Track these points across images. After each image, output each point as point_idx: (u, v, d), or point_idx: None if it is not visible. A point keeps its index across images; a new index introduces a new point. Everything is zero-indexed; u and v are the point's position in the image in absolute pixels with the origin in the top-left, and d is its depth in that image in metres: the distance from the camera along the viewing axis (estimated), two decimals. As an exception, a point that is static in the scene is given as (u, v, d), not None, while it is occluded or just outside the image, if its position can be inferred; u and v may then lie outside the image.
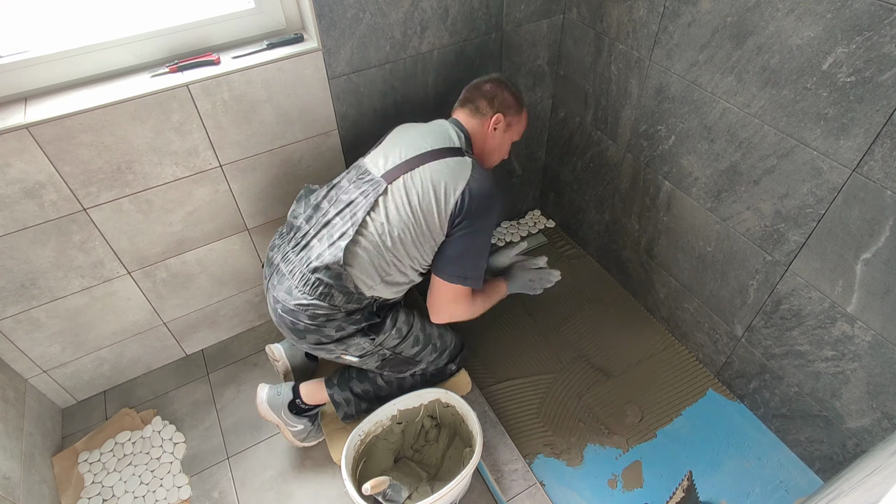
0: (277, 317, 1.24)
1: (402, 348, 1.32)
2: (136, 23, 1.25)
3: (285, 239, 1.27)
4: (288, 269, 1.22)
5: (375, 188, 1.18)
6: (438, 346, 1.42)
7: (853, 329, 1.19)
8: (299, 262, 1.20)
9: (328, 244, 1.17)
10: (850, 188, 1.08)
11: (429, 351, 1.39)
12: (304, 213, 1.27)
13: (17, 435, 1.39)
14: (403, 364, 1.37)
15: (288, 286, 1.20)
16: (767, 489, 1.42)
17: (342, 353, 1.28)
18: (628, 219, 1.77)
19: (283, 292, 1.21)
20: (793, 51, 1.08)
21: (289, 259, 1.23)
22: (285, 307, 1.20)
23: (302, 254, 1.20)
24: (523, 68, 1.74)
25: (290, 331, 1.23)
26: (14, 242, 1.26)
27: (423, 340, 1.36)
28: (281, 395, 1.43)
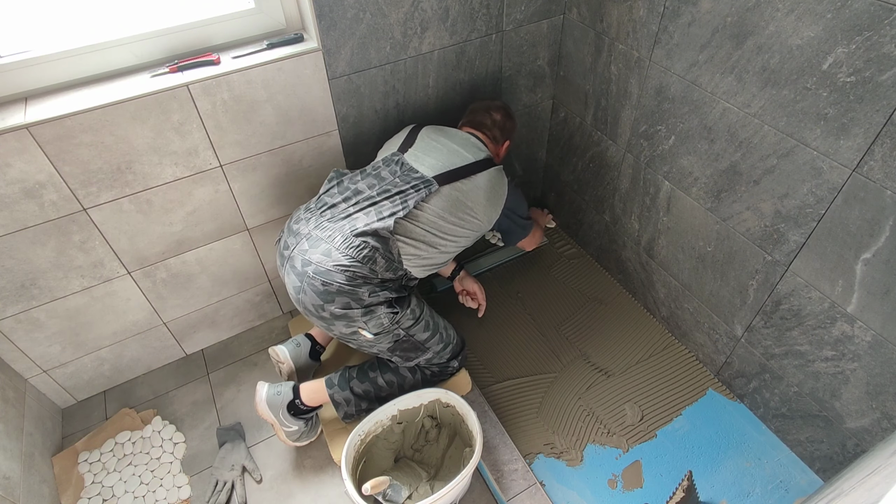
0: (307, 279, 1.24)
1: (414, 331, 1.36)
2: (136, 23, 1.25)
3: (315, 213, 1.32)
4: (326, 235, 1.26)
5: (427, 186, 1.31)
6: (444, 336, 1.45)
7: (853, 329, 1.19)
8: (340, 229, 1.26)
9: (377, 217, 1.27)
10: (850, 188, 1.08)
11: (437, 339, 1.42)
12: (342, 193, 1.34)
13: (17, 435, 1.39)
14: (413, 349, 1.39)
15: (326, 248, 1.24)
16: (767, 489, 1.42)
17: (361, 326, 1.28)
18: (628, 219, 1.77)
19: (320, 254, 1.24)
20: (793, 51, 1.08)
21: (325, 226, 1.28)
22: (319, 268, 1.22)
23: (343, 222, 1.28)
24: (523, 68, 1.74)
25: (318, 294, 1.23)
26: (14, 242, 1.26)
27: (432, 327, 1.41)
28: (281, 394, 1.43)
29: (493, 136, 1.54)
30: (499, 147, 1.57)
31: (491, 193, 1.40)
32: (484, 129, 1.52)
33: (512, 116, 1.58)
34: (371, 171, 1.39)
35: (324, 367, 1.65)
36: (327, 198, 1.35)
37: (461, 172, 1.37)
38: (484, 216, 1.40)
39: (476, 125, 1.53)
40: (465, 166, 1.38)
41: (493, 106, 1.55)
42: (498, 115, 1.54)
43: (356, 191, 1.34)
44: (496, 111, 1.54)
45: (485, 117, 1.53)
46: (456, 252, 1.42)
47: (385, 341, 1.33)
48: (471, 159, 1.40)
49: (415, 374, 1.47)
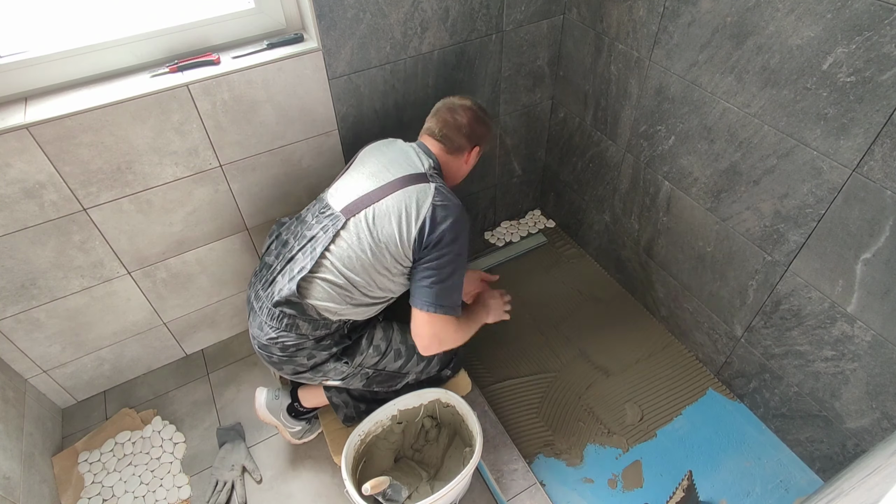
0: (256, 351, 1.27)
1: (384, 364, 1.31)
2: (136, 23, 1.25)
3: (258, 277, 1.28)
4: (258, 306, 1.23)
5: (335, 223, 1.17)
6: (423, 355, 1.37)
7: (853, 329, 1.19)
8: (266, 298, 1.21)
9: (288, 279, 1.17)
10: (850, 188, 1.08)
11: (414, 362, 1.35)
12: (276, 249, 1.27)
13: (17, 435, 1.39)
14: (390, 379, 1.36)
15: (259, 322, 1.22)
16: (767, 489, 1.42)
17: (322, 380, 1.28)
18: (628, 219, 1.77)
19: (256, 328, 1.23)
20: (793, 51, 1.08)
21: (259, 296, 1.24)
22: (259, 342, 1.23)
23: (269, 290, 1.21)
24: (523, 68, 1.74)
25: (268, 363, 1.27)
26: (14, 242, 1.26)
27: (405, 353, 1.33)
28: (279, 398, 1.44)
29: (453, 142, 1.28)
30: (461, 156, 1.31)
31: (402, 215, 1.13)
32: (445, 141, 1.28)
33: (483, 119, 1.32)
34: (303, 214, 1.27)
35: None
36: (266, 257, 1.28)
37: (373, 196, 1.16)
38: (398, 246, 1.14)
39: (431, 132, 1.30)
40: (380, 188, 1.16)
41: (458, 106, 1.30)
42: (464, 117, 1.28)
43: (284, 243, 1.25)
44: (462, 113, 1.29)
45: (444, 121, 1.29)
46: (397, 288, 1.22)
47: (356, 381, 1.31)
48: (389, 178, 1.18)
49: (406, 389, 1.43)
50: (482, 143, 1.34)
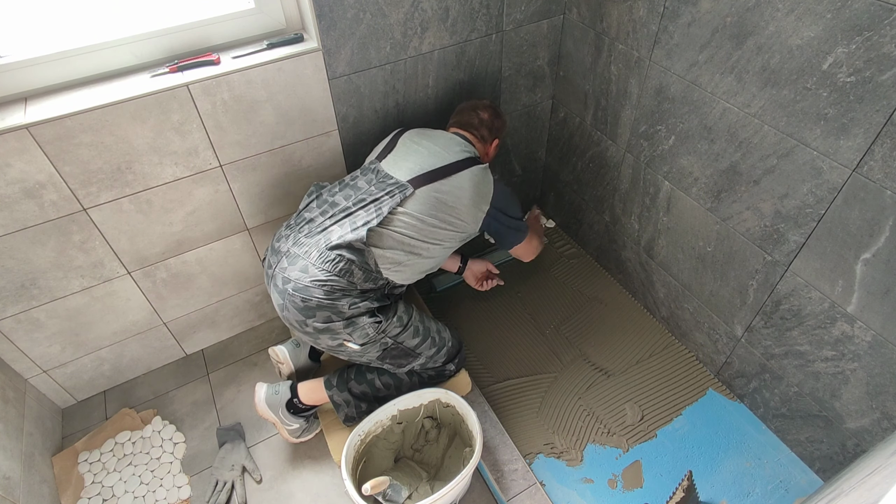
0: (288, 297, 1.24)
1: (403, 338, 1.34)
2: (136, 23, 1.25)
3: (294, 229, 1.32)
4: (303, 251, 1.26)
5: (402, 190, 1.29)
6: (437, 340, 1.42)
7: (853, 329, 1.19)
8: (316, 244, 1.25)
9: (350, 228, 1.25)
10: (850, 188, 1.08)
11: (428, 344, 1.40)
12: (319, 207, 1.34)
13: (17, 435, 1.39)
14: (403, 356, 1.37)
15: (303, 265, 1.24)
16: (767, 489, 1.42)
17: (346, 338, 1.27)
18: (628, 219, 1.77)
19: (298, 271, 1.24)
20: (793, 51, 1.08)
21: (302, 242, 1.27)
22: (298, 285, 1.22)
23: (318, 237, 1.27)
24: (523, 68, 1.74)
25: (299, 310, 1.23)
26: (14, 242, 1.26)
27: (422, 332, 1.38)
28: (279, 393, 1.43)
29: (481, 135, 1.52)
30: (487, 146, 1.55)
31: (474, 192, 1.36)
32: (471, 129, 1.50)
33: (500, 115, 1.56)
34: (349, 181, 1.38)
35: (323, 367, 1.65)
36: (306, 213, 1.34)
37: (440, 173, 1.34)
38: (468, 216, 1.36)
39: (463, 125, 1.51)
40: (445, 166, 1.35)
41: (479, 105, 1.53)
42: (485, 113, 1.52)
43: (333, 203, 1.33)
44: (483, 110, 1.52)
45: (471, 117, 1.51)
46: (442, 257, 1.40)
47: (373, 351, 1.32)
48: (451, 159, 1.37)
49: (412, 377, 1.46)
50: (501, 135, 1.58)
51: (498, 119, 1.55)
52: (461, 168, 1.36)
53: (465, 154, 1.40)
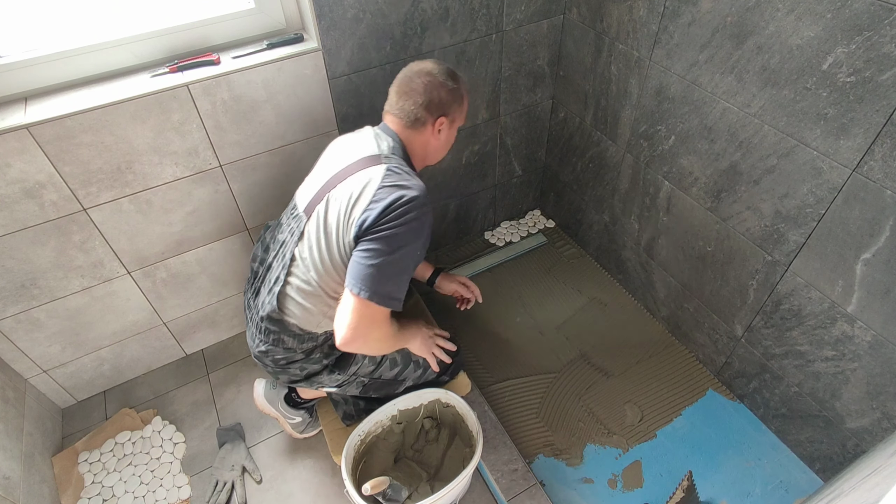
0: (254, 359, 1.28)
1: (379, 373, 1.29)
2: (136, 23, 1.25)
3: (249, 285, 1.25)
4: (249, 316, 1.22)
5: (298, 224, 1.11)
6: (422, 362, 1.35)
7: (853, 329, 1.19)
8: (255, 310, 1.18)
9: (267, 291, 1.13)
10: (850, 188, 1.08)
11: (411, 369, 1.34)
12: (260, 255, 1.23)
13: (17, 435, 1.39)
14: (387, 386, 1.35)
15: (251, 333, 1.21)
16: (767, 489, 1.42)
17: (318, 387, 1.28)
18: (628, 219, 1.77)
19: (249, 339, 1.23)
20: (793, 51, 1.08)
21: (249, 306, 1.22)
22: (254, 352, 1.22)
23: (255, 301, 1.18)
24: (523, 68, 1.74)
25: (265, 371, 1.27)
26: (14, 242, 1.26)
27: (401, 361, 1.31)
28: (277, 388, 1.44)
29: (410, 115, 1.12)
30: (423, 129, 1.14)
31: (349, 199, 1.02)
32: (395, 111, 1.14)
33: (443, 84, 1.12)
34: (281, 217, 1.21)
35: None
36: (252, 263, 1.23)
37: (328, 187, 1.07)
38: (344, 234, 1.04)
39: (388, 106, 1.16)
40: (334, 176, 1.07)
41: (414, 74, 1.13)
42: (419, 84, 1.11)
43: (266, 248, 1.21)
44: (417, 80, 1.12)
45: (399, 92, 1.14)
46: None
47: (352, 388, 1.30)
48: (342, 166, 1.07)
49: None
50: (449, 113, 1.14)
51: (440, 91, 1.11)
52: (350, 173, 1.05)
53: (367, 152, 1.08)
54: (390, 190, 1.00)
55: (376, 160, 1.06)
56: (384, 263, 0.99)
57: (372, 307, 1.00)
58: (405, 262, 1.02)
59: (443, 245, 2.13)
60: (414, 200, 0.99)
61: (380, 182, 1.01)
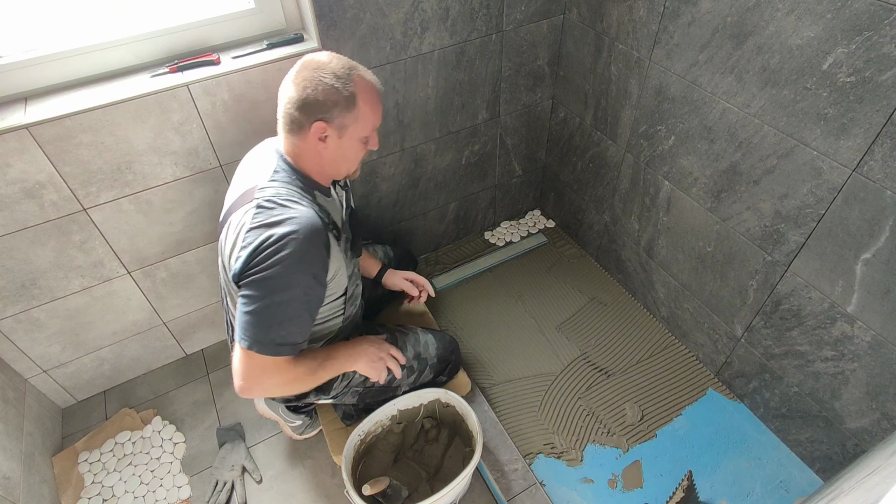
0: None
1: (372, 382, 1.29)
2: (136, 23, 1.25)
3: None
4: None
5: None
6: (416, 367, 1.36)
7: (853, 329, 1.19)
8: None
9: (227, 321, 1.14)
10: (850, 188, 1.08)
11: (404, 375, 1.33)
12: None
13: (17, 435, 1.39)
14: (381, 393, 1.35)
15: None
16: (767, 489, 1.42)
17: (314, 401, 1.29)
18: (628, 219, 1.77)
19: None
20: (793, 51, 1.08)
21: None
22: None
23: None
24: (523, 68, 1.74)
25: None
26: (14, 242, 1.26)
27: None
28: None
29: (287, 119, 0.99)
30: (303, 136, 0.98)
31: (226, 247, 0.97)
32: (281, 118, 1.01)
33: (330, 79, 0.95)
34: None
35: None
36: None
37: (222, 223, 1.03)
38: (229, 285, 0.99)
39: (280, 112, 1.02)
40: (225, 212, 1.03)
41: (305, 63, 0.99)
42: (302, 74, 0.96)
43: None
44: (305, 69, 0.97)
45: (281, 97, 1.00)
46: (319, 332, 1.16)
47: (347, 398, 1.31)
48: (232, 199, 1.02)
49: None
50: (330, 118, 0.96)
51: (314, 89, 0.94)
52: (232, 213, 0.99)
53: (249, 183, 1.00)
54: (257, 232, 0.91)
55: (250, 195, 0.97)
56: (260, 309, 0.91)
57: (255, 357, 0.94)
58: (289, 306, 0.93)
59: (443, 245, 2.13)
60: (283, 238, 0.90)
61: (249, 224, 0.93)
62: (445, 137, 1.74)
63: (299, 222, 0.92)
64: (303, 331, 0.99)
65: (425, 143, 1.71)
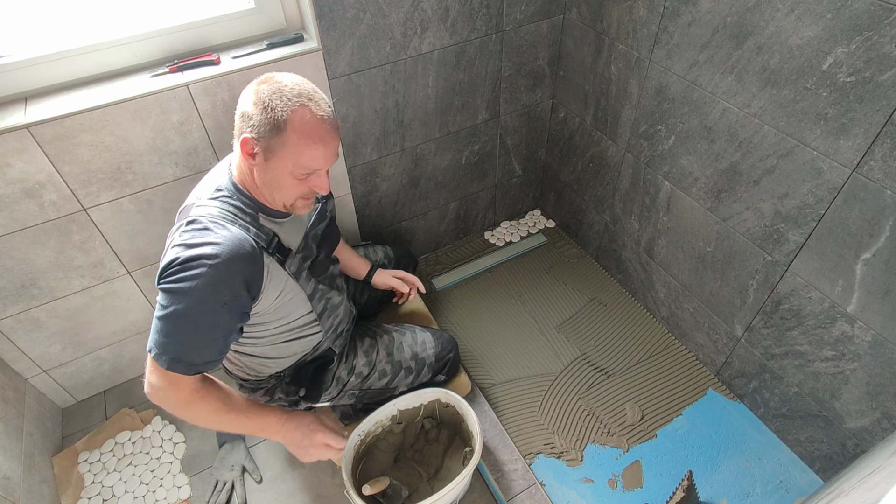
0: None
1: (368, 384, 1.31)
2: (136, 23, 1.25)
3: None
4: None
5: None
6: (414, 367, 1.37)
7: (853, 329, 1.19)
8: None
9: None
10: (850, 188, 1.08)
11: (402, 376, 1.35)
12: None
13: (17, 435, 1.39)
14: (379, 395, 1.36)
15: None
16: (767, 489, 1.42)
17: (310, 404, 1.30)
18: (628, 219, 1.77)
19: None
20: (793, 51, 1.08)
21: None
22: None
23: None
24: (523, 68, 1.74)
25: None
26: (14, 242, 1.26)
27: (391, 371, 1.32)
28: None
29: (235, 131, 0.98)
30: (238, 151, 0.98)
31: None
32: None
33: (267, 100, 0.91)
34: None
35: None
36: None
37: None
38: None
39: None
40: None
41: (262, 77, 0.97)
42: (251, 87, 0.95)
43: None
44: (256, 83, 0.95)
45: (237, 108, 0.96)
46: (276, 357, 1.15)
47: (345, 399, 1.32)
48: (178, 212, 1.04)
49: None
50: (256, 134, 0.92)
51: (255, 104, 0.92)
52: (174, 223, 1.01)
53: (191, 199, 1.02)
54: (178, 249, 0.90)
55: (188, 211, 0.97)
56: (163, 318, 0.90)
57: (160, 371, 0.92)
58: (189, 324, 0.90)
59: (443, 245, 2.13)
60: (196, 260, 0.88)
61: (176, 241, 0.92)
62: (445, 137, 1.75)
63: (220, 248, 0.90)
64: (203, 354, 0.93)
65: (425, 142, 1.71)
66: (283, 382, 1.23)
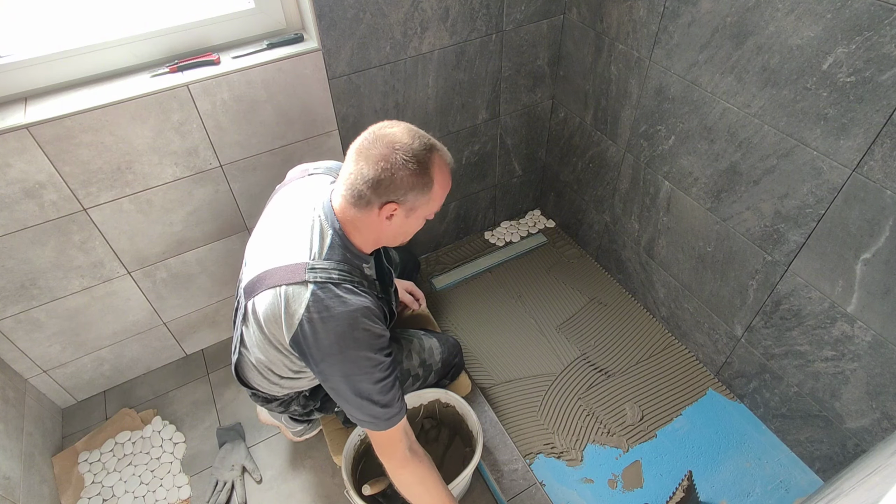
0: None
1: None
2: (136, 23, 1.25)
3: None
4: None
5: (238, 300, 1.06)
6: (421, 374, 1.36)
7: (853, 329, 1.19)
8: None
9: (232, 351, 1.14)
10: (850, 188, 1.08)
11: (409, 383, 1.34)
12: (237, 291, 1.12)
13: (17, 435, 1.39)
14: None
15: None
16: (767, 489, 1.42)
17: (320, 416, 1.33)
18: (628, 219, 1.77)
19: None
20: (793, 51, 1.08)
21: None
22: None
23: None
24: (523, 68, 1.74)
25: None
26: (14, 242, 1.26)
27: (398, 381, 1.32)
28: None
29: (355, 193, 0.93)
30: (370, 212, 0.94)
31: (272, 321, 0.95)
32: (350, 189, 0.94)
33: (411, 164, 0.90)
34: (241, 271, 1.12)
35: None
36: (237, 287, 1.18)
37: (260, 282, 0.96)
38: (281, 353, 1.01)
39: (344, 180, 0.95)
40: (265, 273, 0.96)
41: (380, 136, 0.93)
42: (378, 150, 0.90)
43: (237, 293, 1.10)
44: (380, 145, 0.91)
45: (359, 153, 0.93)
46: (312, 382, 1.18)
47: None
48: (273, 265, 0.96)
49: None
50: (403, 200, 0.93)
51: (398, 169, 0.90)
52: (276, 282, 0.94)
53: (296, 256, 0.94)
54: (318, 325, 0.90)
55: (300, 273, 0.92)
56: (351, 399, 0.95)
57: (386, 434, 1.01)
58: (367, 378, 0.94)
59: (443, 245, 2.13)
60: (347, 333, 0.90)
61: (302, 312, 0.90)
62: (445, 137, 1.75)
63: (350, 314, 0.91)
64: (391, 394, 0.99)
65: (425, 143, 1.71)
66: (301, 396, 1.25)
